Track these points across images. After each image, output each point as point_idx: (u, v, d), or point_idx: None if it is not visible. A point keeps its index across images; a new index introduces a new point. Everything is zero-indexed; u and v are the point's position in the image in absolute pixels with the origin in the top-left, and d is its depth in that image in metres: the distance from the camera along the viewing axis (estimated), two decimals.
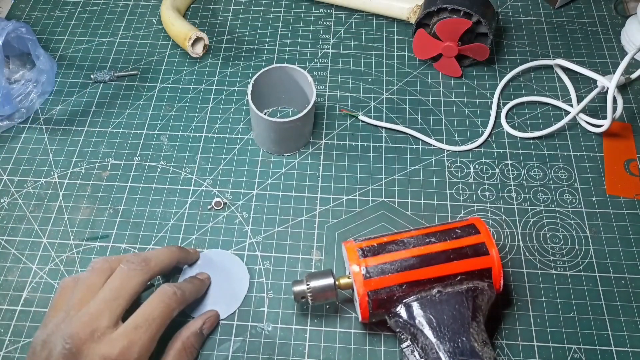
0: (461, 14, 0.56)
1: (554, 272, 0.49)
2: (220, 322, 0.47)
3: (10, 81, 0.60)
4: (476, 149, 0.56)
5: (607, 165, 0.55)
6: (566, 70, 0.60)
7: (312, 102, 0.51)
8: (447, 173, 0.55)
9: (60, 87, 0.61)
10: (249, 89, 0.51)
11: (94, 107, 0.60)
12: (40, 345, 0.36)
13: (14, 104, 0.56)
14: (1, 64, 0.53)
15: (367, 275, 0.41)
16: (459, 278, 0.41)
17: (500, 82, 0.60)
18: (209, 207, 0.48)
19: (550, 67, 0.62)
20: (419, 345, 0.40)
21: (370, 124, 0.58)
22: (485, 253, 0.42)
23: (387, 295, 0.41)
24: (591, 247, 0.50)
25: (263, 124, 0.51)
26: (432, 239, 0.42)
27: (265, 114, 0.56)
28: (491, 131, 0.57)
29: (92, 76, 0.61)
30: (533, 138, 0.57)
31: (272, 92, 0.56)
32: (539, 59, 0.62)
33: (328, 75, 0.62)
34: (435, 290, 0.41)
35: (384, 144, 0.56)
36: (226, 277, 0.48)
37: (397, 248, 0.42)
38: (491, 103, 0.59)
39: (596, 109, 0.59)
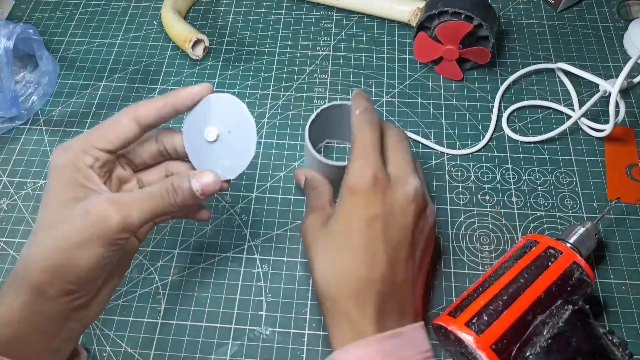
0: (462, 17, 0.55)
1: None
2: (218, 325, 0.46)
3: None
4: (477, 153, 0.56)
5: (608, 170, 0.54)
6: (568, 74, 0.59)
7: None
8: (447, 177, 0.54)
9: (60, 89, 0.61)
10: (307, 125, 0.49)
11: (94, 109, 0.59)
12: None
13: (20, 107, 0.57)
14: (11, 66, 0.54)
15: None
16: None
17: (501, 85, 0.60)
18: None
19: (552, 70, 0.61)
20: None
21: None
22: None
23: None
24: (592, 253, 0.50)
25: (317, 164, 0.49)
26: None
27: (318, 149, 0.55)
28: (492, 135, 0.57)
29: None
30: (534, 142, 0.56)
31: (326, 128, 0.53)
32: (541, 62, 0.61)
33: (328, 78, 0.62)
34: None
35: None
36: (229, 129, 0.36)
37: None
38: (492, 106, 0.59)
39: (598, 114, 0.58)
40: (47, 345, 0.32)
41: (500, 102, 0.59)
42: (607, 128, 0.53)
